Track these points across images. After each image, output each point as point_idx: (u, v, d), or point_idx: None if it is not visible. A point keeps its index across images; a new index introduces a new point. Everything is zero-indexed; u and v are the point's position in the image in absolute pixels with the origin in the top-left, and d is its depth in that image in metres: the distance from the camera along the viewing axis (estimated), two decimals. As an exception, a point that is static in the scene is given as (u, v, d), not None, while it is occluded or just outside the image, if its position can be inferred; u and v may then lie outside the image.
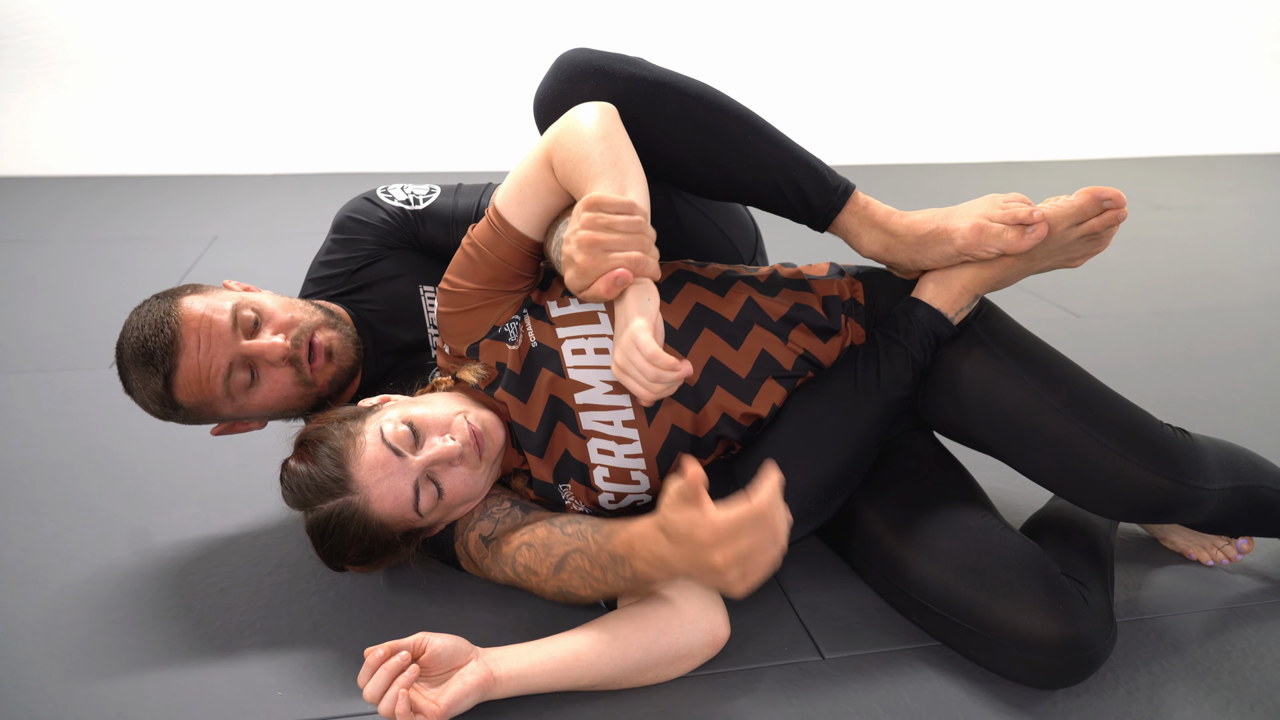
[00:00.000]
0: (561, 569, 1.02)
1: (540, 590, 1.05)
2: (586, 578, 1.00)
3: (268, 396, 1.18)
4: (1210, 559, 1.26)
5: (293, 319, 1.19)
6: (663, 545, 0.90)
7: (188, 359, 1.12)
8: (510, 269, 1.10)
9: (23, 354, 1.91)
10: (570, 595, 1.03)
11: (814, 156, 1.15)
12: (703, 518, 0.85)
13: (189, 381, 1.14)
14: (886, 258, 1.17)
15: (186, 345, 1.12)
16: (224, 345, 1.14)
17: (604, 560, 0.98)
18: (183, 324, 1.12)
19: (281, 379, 1.18)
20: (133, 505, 1.38)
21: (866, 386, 1.12)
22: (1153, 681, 1.05)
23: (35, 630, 1.11)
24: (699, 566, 0.87)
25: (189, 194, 3.27)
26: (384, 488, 1.01)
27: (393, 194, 1.31)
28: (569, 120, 1.05)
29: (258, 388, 1.17)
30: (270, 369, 1.17)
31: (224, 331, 1.14)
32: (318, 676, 1.04)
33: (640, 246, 0.96)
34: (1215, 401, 1.77)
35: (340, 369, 1.22)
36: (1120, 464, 1.02)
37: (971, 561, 1.03)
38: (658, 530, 0.90)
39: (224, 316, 1.14)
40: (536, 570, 1.04)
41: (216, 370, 1.14)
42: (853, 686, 1.04)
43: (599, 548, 0.99)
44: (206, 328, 1.13)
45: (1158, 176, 3.91)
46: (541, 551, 1.04)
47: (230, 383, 1.15)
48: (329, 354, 1.20)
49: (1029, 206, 1.10)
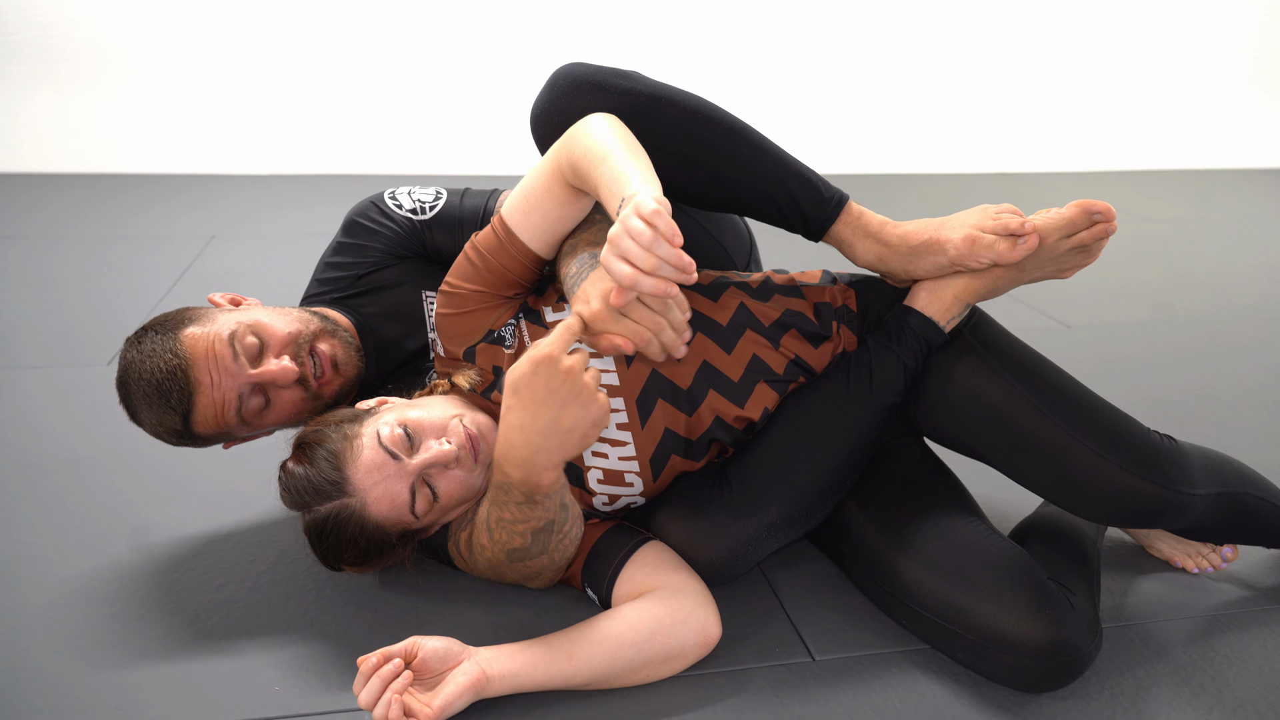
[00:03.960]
0: (491, 529, 1.05)
1: (501, 564, 1.07)
2: (505, 525, 1.03)
3: (280, 415, 1.19)
4: (1195, 566, 1.28)
5: (292, 332, 1.18)
6: (515, 415, 0.96)
7: (203, 396, 1.12)
8: (510, 276, 1.11)
9: (20, 350, 1.91)
10: (517, 554, 1.05)
11: (808, 167, 1.17)
12: (524, 359, 0.95)
13: (207, 418, 1.14)
14: (880, 267, 1.19)
15: (200, 383, 1.12)
16: (231, 376, 1.13)
17: (498, 496, 1.02)
18: (193, 363, 1.11)
19: (292, 398, 1.18)
20: (131, 501, 1.38)
21: (858, 393, 1.14)
22: (1137, 686, 1.07)
23: (33, 624, 1.12)
24: (552, 393, 0.94)
25: (187, 193, 3.28)
26: (380, 490, 1.02)
27: (400, 201, 1.30)
28: (581, 126, 1.05)
29: (271, 410, 1.17)
30: (281, 391, 1.17)
31: (228, 363, 1.13)
32: (313, 671, 1.05)
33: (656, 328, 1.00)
34: (1203, 411, 1.80)
35: (346, 379, 1.22)
36: (1108, 469, 1.04)
37: (960, 566, 1.05)
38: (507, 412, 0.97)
39: (224, 346, 1.13)
40: (483, 543, 1.06)
41: (229, 403, 1.13)
42: (842, 688, 1.05)
43: (494, 488, 1.02)
44: (214, 363, 1.12)
45: (1148, 190, 3.95)
46: (479, 524, 1.07)
47: (244, 411, 1.15)
48: (335, 365, 1.20)
49: (1020, 218, 1.12)
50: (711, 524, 1.08)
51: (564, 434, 0.95)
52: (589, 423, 0.96)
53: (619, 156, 0.99)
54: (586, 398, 0.95)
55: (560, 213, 1.08)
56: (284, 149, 3.63)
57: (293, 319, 1.20)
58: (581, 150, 1.02)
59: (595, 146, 1.01)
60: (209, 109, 3.54)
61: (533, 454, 0.96)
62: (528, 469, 0.97)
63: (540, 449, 0.96)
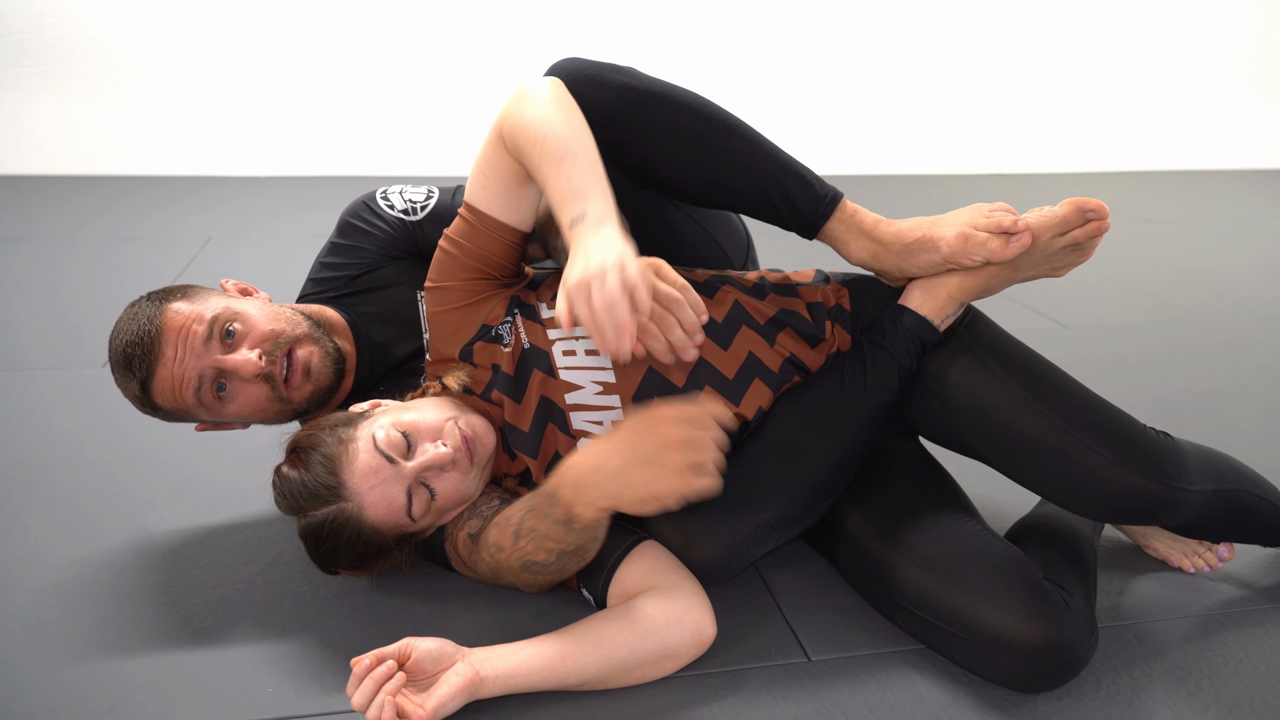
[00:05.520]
0: (519, 535, 1.03)
1: (511, 570, 1.06)
2: (537, 537, 1.01)
3: (241, 408, 1.18)
4: (1191, 566, 1.27)
5: (274, 330, 1.17)
6: (603, 444, 0.94)
7: (163, 368, 1.13)
8: (491, 258, 1.10)
9: (16, 352, 1.91)
10: (534, 567, 1.04)
11: (803, 165, 1.17)
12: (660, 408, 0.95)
13: (164, 390, 1.14)
14: (874, 265, 1.19)
15: (164, 355, 1.12)
16: (196, 357, 1.13)
17: (542, 505, 1.00)
18: (163, 333, 1.12)
19: (255, 393, 1.17)
20: (126, 502, 1.38)
21: (853, 392, 1.14)
22: (1133, 685, 1.07)
23: (27, 625, 1.12)
24: (646, 448, 0.92)
25: (184, 195, 3.28)
26: (377, 494, 1.02)
27: (392, 202, 1.30)
28: (517, 100, 1.04)
29: (230, 400, 1.17)
30: (243, 384, 1.16)
31: (198, 343, 1.13)
32: (308, 673, 1.05)
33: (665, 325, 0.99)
34: (1200, 411, 1.79)
35: (318, 388, 1.21)
36: (1104, 465, 1.04)
37: (956, 566, 1.04)
38: (602, 437, 0.96)
39: (202, 327, 1.13)
40: (502, 545, 1.05)
41: (188, 381, 1.14)
42: (838, 688, 1.05)
43: (541, 495, 1.00)
44: (184, 338, 1.13)
45: (1145, 190, 3.95)
46: (504, 524, 1.05)
47: (200, 394, 1.15)
48: (307, 371, 1.19)
49: (1013, 216, 1.12)
50: (706, 523, 1.08)
51: (623, 485, 0.94)
52: (651, 493, 0.94)
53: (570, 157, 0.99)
54: (667, 472, 0.93)
55: (512, 178, 1.07)
56: (282, 151, 3.63)
57: (281, 319, 1.19)
58: (514, 134, 1.02)
59: (527, 129, 1.01)
60: (207, 111, 3.54)
61: (589, 485, 0.95)
62: (578, 495, 0.96)
63: (598, 485, 0.95)
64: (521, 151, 1.03)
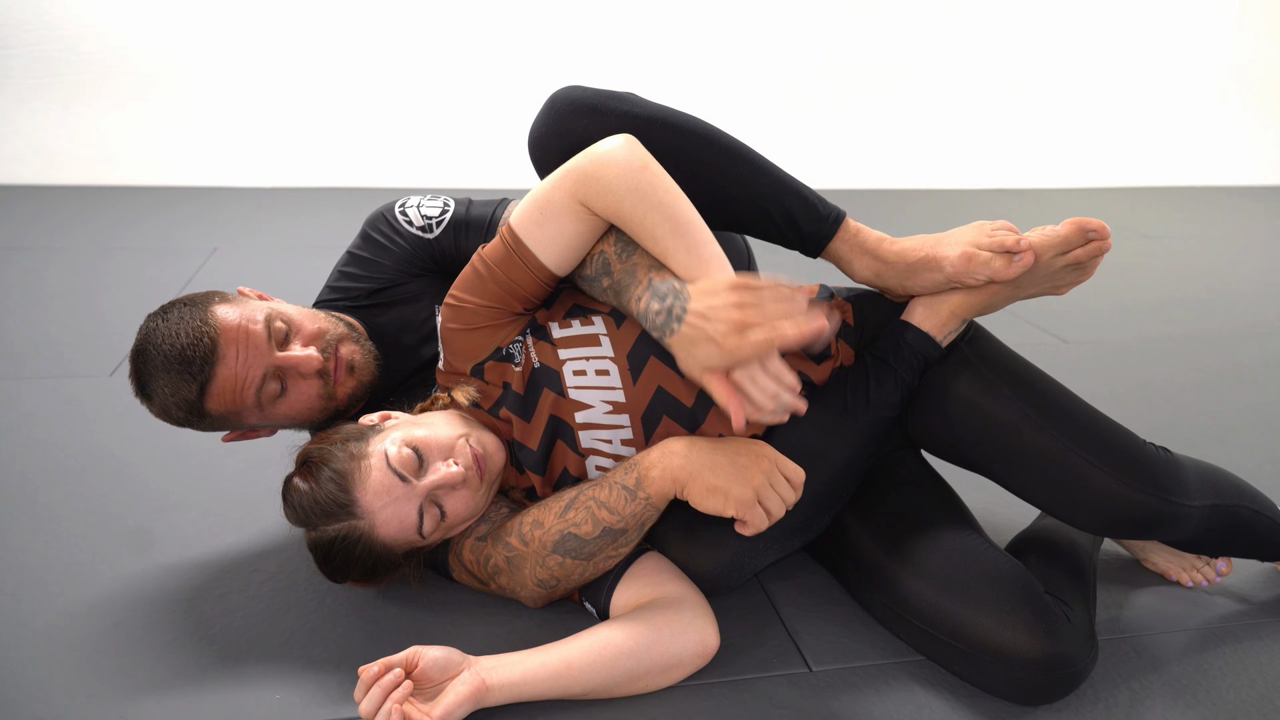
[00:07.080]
0: (571, 506, 1.06)
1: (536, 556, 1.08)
2: (592, 506, 1.05)
3: (293, 407, 1.19)
4: (1190, 580, 1.28)
5: (320, 329, 1.20)
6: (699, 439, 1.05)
7: (225, 368, 1.13)
8: (519, 291, 1.10)
9: (25, 361, 1.92)
10: (569, 542, 1.06)
11: (805, 185, 1.18)
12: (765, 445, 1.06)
13: (224, 391, 1.14)
14: (878, 283, 1.20)
15: (225, 355, 1.12)
16: (260, 356, 1.14)
17: (615, 472, 1.05)
18: (221, 334, 1.12)
19: (309, 391, 1.19)
20: (134, 511, 1.39)
21: (855, 407, 1.15)
22: (1132, 698, 1.07)
23: (37, 633, 1.12)
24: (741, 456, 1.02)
25: (189, 205, 3.30)
26: (389, 513, 1.03)
27: (410, 217, 1.29)
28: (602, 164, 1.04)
29: (285, 399, 1.18)
30: (300, 380, 1.18)
31: (260, 342, 1.14)
32: (315, 682, 1.06)
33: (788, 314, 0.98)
34: (1200, 427, 1.81)
35: (360, 384, 1.23)
36: (1104, 479, 1.05)
37: (957, 579, 1.05)
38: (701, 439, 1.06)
39: (259, 327, 1.14)
40: (542, 521, 1.07)
41: (251, 381, 1.14)
42: (839, 699, 1.06)
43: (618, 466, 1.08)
44: (244, 338, 1.13)
45: (1146, 206, 3.97)
46: (551, 501, 1.09)
47: (262, 393, 1.16)
48: (351, 368, 1.21)
49: (1016, 235, 1.13)
50: (709, 535, 1.09)
51: (705, 466, 1.02)
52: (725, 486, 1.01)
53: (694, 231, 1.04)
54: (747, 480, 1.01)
55: (574, 226, 1.07)
56: (286, 161, 3.65)
57: (320, 319, 1.22)
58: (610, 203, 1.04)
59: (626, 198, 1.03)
60: (211, 121, 3.56)
61: (675, 454, 1.03)
62: (660, 460, 1.04)
63: (683, 456, 1.03)
64: (626, 218, 1.05)
